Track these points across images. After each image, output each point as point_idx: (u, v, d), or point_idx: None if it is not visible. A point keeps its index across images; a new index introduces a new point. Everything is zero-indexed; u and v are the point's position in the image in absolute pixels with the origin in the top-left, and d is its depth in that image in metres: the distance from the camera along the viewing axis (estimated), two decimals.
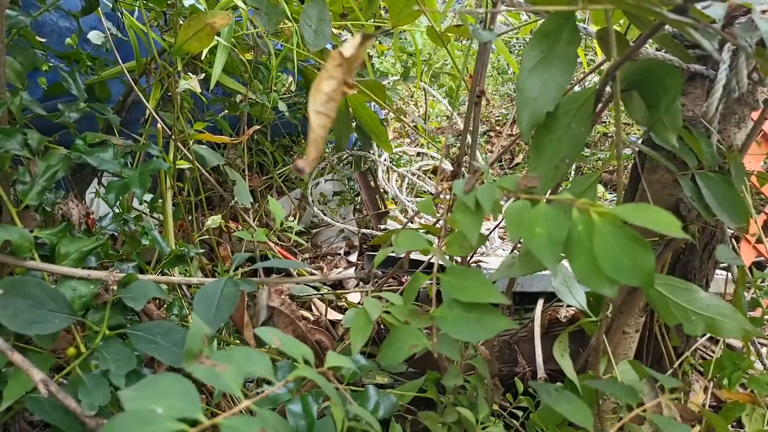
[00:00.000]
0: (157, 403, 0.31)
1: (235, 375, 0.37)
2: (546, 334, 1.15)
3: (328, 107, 0.46)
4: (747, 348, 0.96)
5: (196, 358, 0.38)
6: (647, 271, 0.43)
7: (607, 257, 0.44)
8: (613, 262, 0.44)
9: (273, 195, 2.04)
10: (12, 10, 0.91)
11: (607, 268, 0.44)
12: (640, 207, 0.42)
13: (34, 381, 0.62)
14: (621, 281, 0.44)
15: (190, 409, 0.32)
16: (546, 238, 0.46)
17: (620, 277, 0.44)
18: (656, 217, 0.41)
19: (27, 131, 0.82)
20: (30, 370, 0.62)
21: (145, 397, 0.32)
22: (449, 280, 0.60)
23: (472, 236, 0.55)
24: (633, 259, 0.43)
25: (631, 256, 0.43)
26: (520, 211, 0.50)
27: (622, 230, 0.44)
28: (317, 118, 0.46)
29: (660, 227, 0.40)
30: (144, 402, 0.31)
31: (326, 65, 0.46)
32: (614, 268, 0.44)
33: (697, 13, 0.59)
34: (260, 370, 0.40)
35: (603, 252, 0.44)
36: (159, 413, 0.31)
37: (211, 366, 0.37)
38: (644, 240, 0.43)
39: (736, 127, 0.83)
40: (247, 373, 0.38)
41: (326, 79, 0.46)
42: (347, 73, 0.47)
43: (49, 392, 0.61)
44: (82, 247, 0.77)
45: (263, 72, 1.41)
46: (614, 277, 0.44)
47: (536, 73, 0.66)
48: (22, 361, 0.63)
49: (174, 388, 0.33)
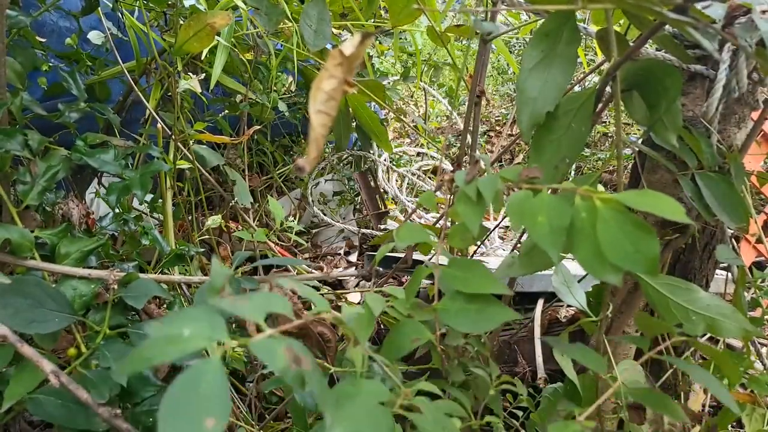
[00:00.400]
0: (184, 328, 0.32)
1: (257, 307, 0.38)
2: (546, 334, 1.15)
3: (329, 106, 0.47)
4: (747, 348, 0.96)
5: (218, 293, 0.38)
6: (651, 257, 0.43)
7: (611, 244, 0.44)
8: (617, 248, 0.43)
9: (273, 195, 2.04)
10: (12, 10, 0.91)
11: (610, 254, 0.44)
12: (644, 193, 0.42)
13: (45, 372, 0.61)
14: (625, 268, 0.43)
15: (216, 332, 0.33)
16: (548, 226, 0.46)
17: (624, 264, 0.43)
18: (660, 203, 0.41)
19: (27, 131, 0.82)
20: (40, 361, 0.62)
21: (172, 323, 0.33)
22: (451, 271, 0.60)
23: (474, 227, 0.55)
24: (637, 245, 0.43)
25: (635, 242, 0.43)
26: (522, 201, 0.50)
27: (625, 216, 0.43)
28: (318, 117, 0.46)
29: (664, 212, 0.40)
30: (171, 328, 0.32)
31: (326, 64, 0.46)
32: (618, 254, 0.43)
33: (697, 13, 0.59)
34: (279, 308, 0.41)
35: (606, 238, 0.44)
36: (186, 334, 0.32)
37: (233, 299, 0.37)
38: (648, 226, 0.43)
39: (736, 127, 0.83)
40: (268, 309, 0.39)
41: (327, 78, 0.46)
42: (348, 72, 0.47)
43: (60, 383, 0.61)
44: (82, 247, 0.77)
45: (263, 72, 1.42)
46: (618, 263, 0.43)
47: (536, 72, 0.66)
48: (33, 354, 0.63)
49: (200, 315, 0.34)
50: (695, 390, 1.06)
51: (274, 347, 0.35)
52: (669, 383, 1.00)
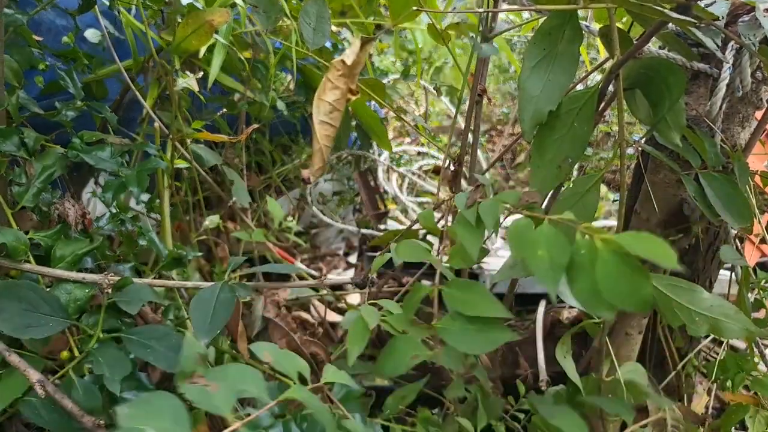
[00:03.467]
0: (148, 424, 0.33)
1: (226, 395, 0.38)
2: (548, 336, 1.14)
3: (332, 117, 0.46)
4: (751, 349, 0.96)
5: (188, 378, 0.39)
6: (646, 298, 0.45)
7: (608, 283, 0.45)
8: (614, 288, 0.45)
9: (272, 195, 2.03)
10: (9, 8, 0.90)
11: (607, 293, 0.45)
12: (641, 237, 0.43)
13: (31, 381, 0.61)
14: (620, 306, 0.45)
15: (179, 429, 0.34)
16: (548, 261, 0.47)
17: (619, 303, 0.45)
18: (655, 249, 0.42)
19: (24, 130, 0.81)
20: (27, 370, 0.61)
21: (137, 416, 0.34)
22: (452, 292, 0.60)
23: (474, 251, 0.56)
24: (633, 287, 0.44)
25: (631, 284, 0.44)
26: (522, 232, 0.51)
27: (624, 258, 0.44)
28: (321, 128, 0.45)
29: (657, 259, 0.41)
30: (137, 421, 0.33)
31: (329, 75, 0.46)
32: (614, 293, 0.45)
33: (700, 11, 0.58)
34: (253, 389, 0.41)
35: (604, 278, 0.45)
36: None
37: (203, 386, 0.38)
38: (644, 269, 0.44)
39: (739, 126, 0.82)
40: (239, 392, 0.39)
41: (330, 89, 0.46)
42: (351, 80, 0.47)
43: (46, 393, 0.60)
44: (77, 250, 0.76)
45: (262, 70, 1.40)
46: (613, 302, 0.45)
47: (538, 71, 0.65)
48: (19, 362, 0.62)
49: (165, 408, 0.35)
50: (698, 392, 1.05)
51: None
52: (672, 385, 0.99)
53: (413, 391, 0.88)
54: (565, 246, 0.47)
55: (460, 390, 0.71)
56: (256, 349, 0.48)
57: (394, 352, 0.59)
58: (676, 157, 0.80)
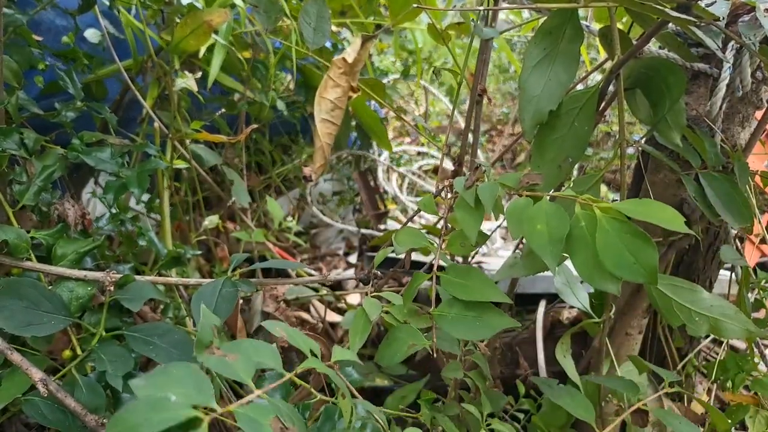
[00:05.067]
0: (169, 391, 0.31)
1: (246, 364, 0.37)
2: (548, 335, 1.14)
3: (334, 115, 0.46)
4: (751, 350, 0.96)
5: (207, 348, 0.38)
6: (651, 266, 0.43)
7: (610, 253, 0.43)
8: (616, 258, 0.43)
9: (271, 195, 2.03)
10: (8, 8, 0.90)
11: (609, 264, 0.44)
12: (643, 202, 0.42)
13: (33, 380, 0.61)
14: (624, 277, 0.43)
15: (203, 397, 0.32)
16: (547, 235, 0.46)
17: (623, 273, 0.43)
18: (659, 213, 0.41)
19: (24, 130, 0.81)
20: (29, 369, 0.61)
21: (157, 384, 0.31)
22: (450, 278, 0.60)
23: (472, 234, 0.55)
24: (636, 255, 0.43)
25: (635, 252, 0.43)
26: (521, 209, 0.50)
27: (625, 226, 0.43)
28: (323, 125, 0.45)
29: (663, 222, 0.40)
30: (156, 390, 0.31)
31: (330, 73, 0.46)
32: (617, 264, 0.43)
33: (700, 11, 0.58)
34: (269, 361, 0.40)
35: (606, 248, 0.44)
36: (173, 400, 0.31)
37: (221, 356, 0.37)
38: (647, 235, 0.43)
39: (740, 126, 0.82)
40: (256, 363, 0.38)
41: (331, 87, 0.46)
42: (352, 79, 0.47)
43: (48, 391, 0.60)
44: (78, 249, 0.76)
45: (262, 70, 1.40)
46: (617, 273, 0.43)
47: (539, 71, 0.65)
48: (21, 361, 0.62)
49: (186, 376, 0.33)
50: (698, 392, 1.05)
51: (260, 419, 0.34)
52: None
53: (413, 391, 0.88)
54: (564, 219, 0.46)
55: (458, 371, 0.71)
56: (269, 326, 0.48)
57: (393, 342, 0.58)
58: (676, 157, 0.80)
